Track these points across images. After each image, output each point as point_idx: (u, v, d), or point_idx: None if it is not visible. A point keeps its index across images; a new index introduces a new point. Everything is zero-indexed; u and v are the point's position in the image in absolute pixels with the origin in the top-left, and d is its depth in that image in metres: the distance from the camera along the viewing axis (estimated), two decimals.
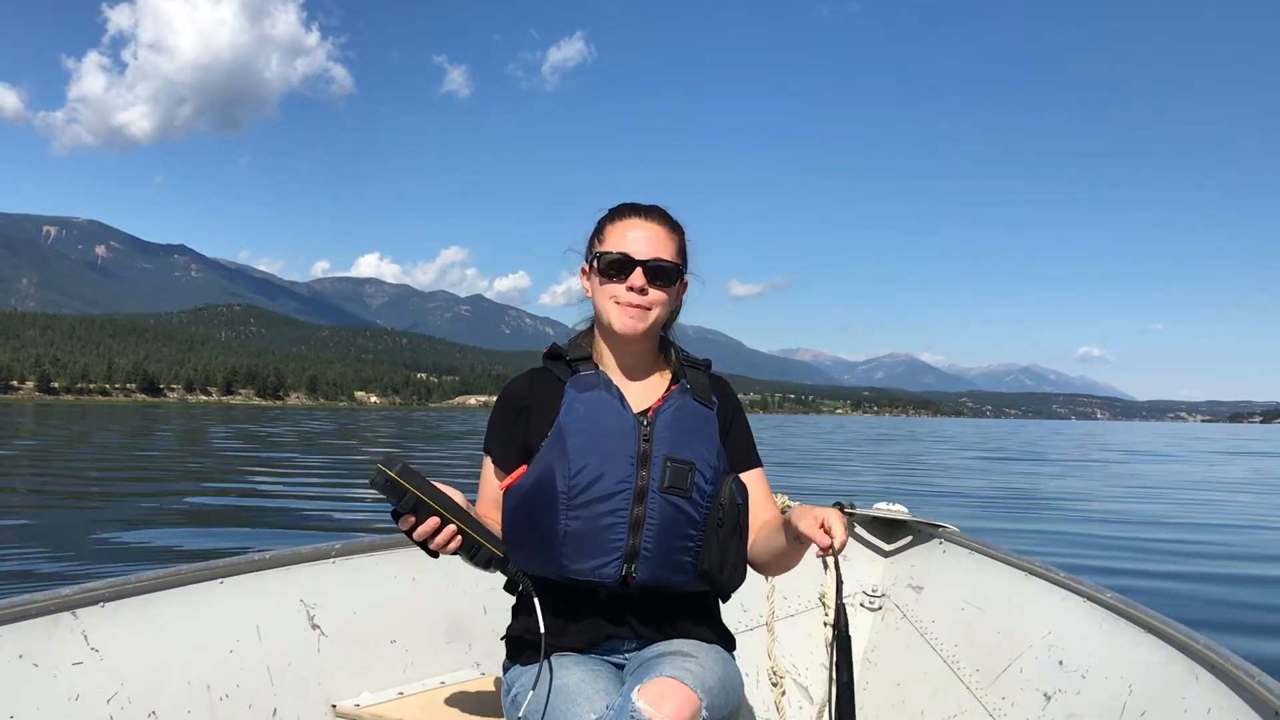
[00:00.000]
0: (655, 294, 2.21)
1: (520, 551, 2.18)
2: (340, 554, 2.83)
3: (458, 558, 2.18)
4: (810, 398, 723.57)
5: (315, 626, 2.70)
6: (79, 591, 2.25)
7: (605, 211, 2.33)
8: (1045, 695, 2.83)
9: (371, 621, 2.83)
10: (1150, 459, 41.38)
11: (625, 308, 2.21)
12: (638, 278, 2.19)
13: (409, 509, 1.98)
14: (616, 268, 2.21)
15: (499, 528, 2.24)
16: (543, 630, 2.04)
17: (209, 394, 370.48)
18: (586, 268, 2.31)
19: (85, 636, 2.24)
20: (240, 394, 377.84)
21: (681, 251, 2.29)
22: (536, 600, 2.06)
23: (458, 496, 2.07)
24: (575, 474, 2.11)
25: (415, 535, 2.02)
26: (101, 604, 2.28)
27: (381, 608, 2.86)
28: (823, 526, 2.01)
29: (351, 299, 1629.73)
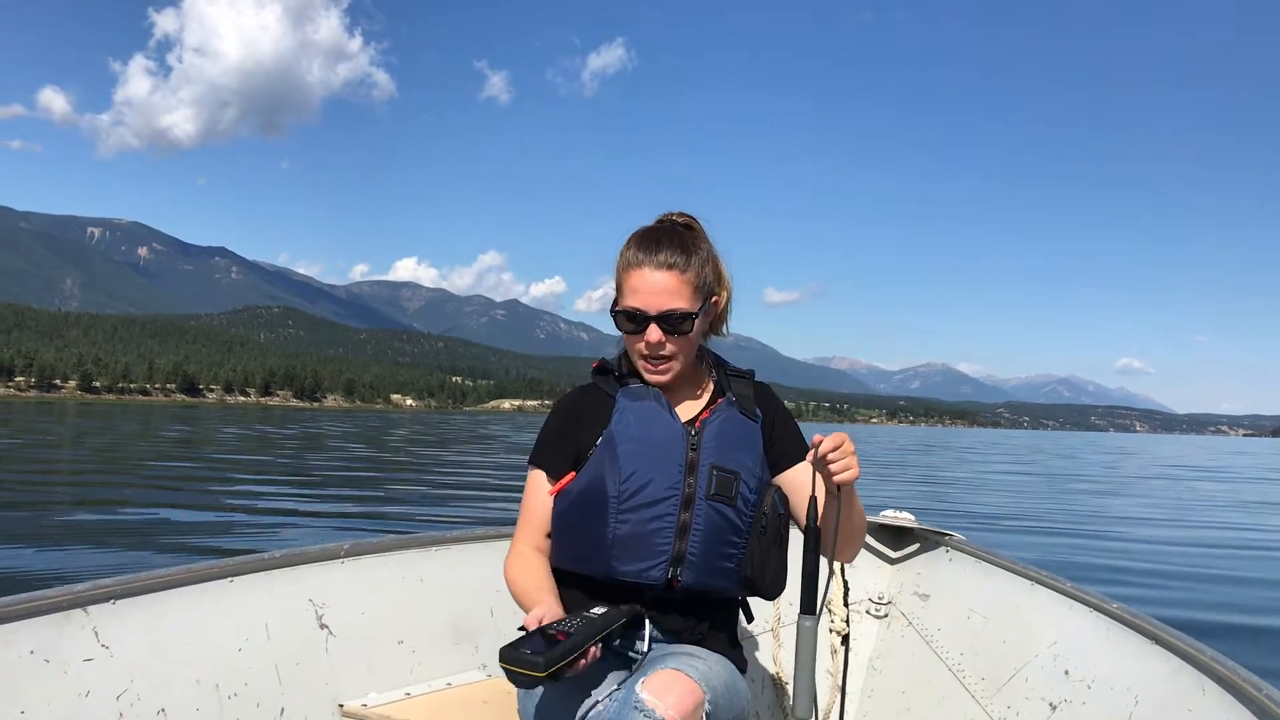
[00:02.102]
0: (673, 344, 2.23)
1: (569, 553, 2.25)
2: (349, 554, 2.83)
3: (464, 557, 2.55)
4: (845, 406, 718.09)
5: (323, 626, 2.71)
6: (90, 588, 2.26)
7: (625, 243, 2.30)
8: (1051, 705, 2.82)
9: (379, 622, 2.83)
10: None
11: (648, 362, 2.26)
12: (653, 333, 2.21)
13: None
14: (630, 322, 2.24)
15: (542, 552, 2.30)
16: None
17: (247, 395, 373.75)
18: (613, 310, 2.32)
19: (96, 633, 2.25)
20: (278, 395, 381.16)
21: (699, 285, 2.25)
22: (648, 624, 2.11)
23: (551, 605, 2.07)
24: (625, 479, 2.17)
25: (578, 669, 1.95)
26: (112, 601, 2.30)
27: (389, 608, 2.86)
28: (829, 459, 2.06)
29: (389, 302, 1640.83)
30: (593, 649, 1.94)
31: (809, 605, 2.09)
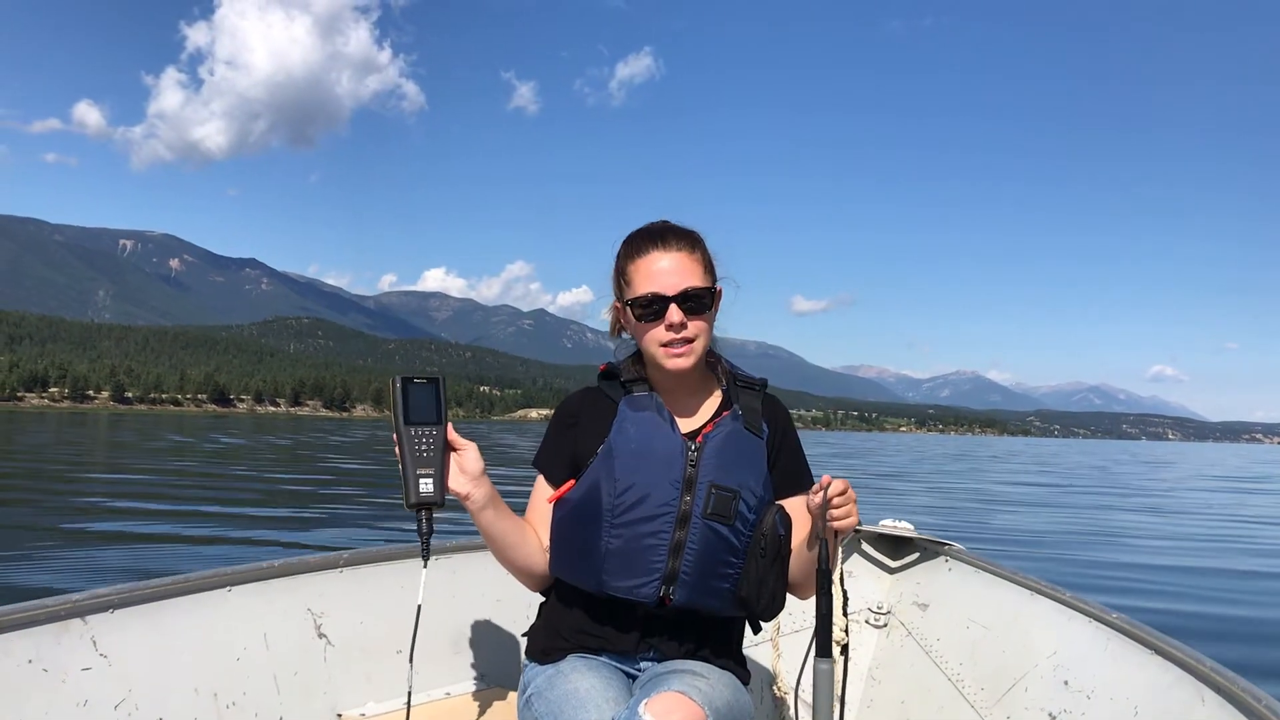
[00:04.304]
0: (695, 324, 2.19)
1: (564, 563, 2.24)
2: (348, 564, 2.83)
3: (463, 566, 2.60)
4: (874, 415, 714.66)
5: (322, 635, 2.70)
6: (89, 597, 2.25)
7: (620, 246, 2.29)
8: (1050, 715, 2.82)
9: (378, 631, 2.83)
10: None
11: (670, 348, 2.18)
12: (674, 314, 2.16)
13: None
14: (650, 310, 2.18)
15: (540, 541, 2.30)
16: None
17: (277, 405, 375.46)
18: (619, 305, 2.30)
19: (94, 642, 2.24)
20: (308, 405, 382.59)
21: (708, 266, 2.25)
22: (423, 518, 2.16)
23: (461, 445, 2.16)
24: (621, 493, 2.15)
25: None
26: (111, 610, 2.29)
27: (388, 618, 2.85)
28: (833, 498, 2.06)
29: (417, 313, 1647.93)
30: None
31: (824, 648, 2.08)
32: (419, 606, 2.20)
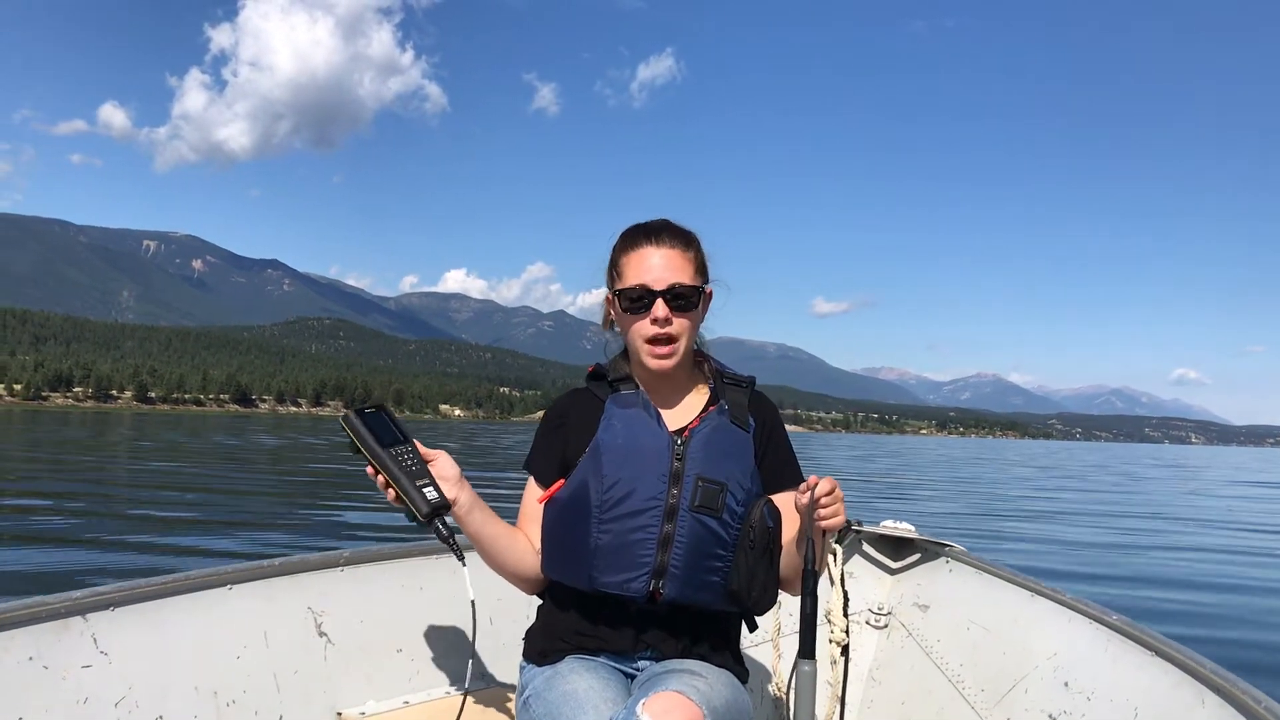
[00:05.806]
0: (680, 322, 2.21)
1: (556, 562, 2.26)
2: (348, 562, 2.83)
3: (472, 562, 2.55)
4: (894, 417, 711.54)
5: (322, 634, 2.70)
6: (89, 595, 2.25)
7: (617, 239, 2.32)
8: (1050, 717, 2.82)
9: (378, 631, 2.83)
10: None
11: (653, 345, 2.22)
12: (659, 309, 2.19)
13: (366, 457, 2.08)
14: (637, 302, 2.21)
15: (531, 543, 2.33)
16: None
17: (299, 405, 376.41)
18: (610, 297, 2.32)
19: (95, 640, 2.24)
20: (329, 405, 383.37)
21: (700, 266, 2.28)
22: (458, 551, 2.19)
23: (432, 455, 2.20)
24: (608, 488, 2.16)
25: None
26: (112, 608, 2.29)
27: (389, 617, 2.86)
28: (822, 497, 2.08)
29: (438, 314, 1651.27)
30: (380, 481, 2.15)
31: (808, 649, 2.09)
32: (472, 602, 2.23)
